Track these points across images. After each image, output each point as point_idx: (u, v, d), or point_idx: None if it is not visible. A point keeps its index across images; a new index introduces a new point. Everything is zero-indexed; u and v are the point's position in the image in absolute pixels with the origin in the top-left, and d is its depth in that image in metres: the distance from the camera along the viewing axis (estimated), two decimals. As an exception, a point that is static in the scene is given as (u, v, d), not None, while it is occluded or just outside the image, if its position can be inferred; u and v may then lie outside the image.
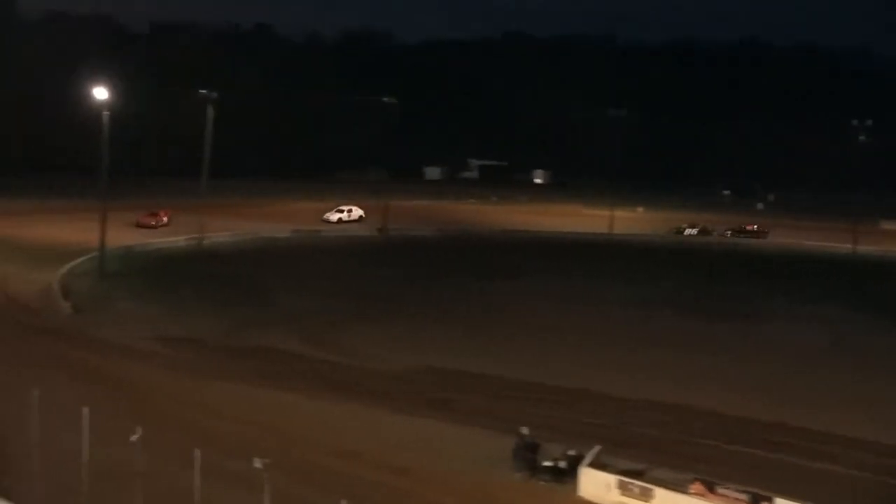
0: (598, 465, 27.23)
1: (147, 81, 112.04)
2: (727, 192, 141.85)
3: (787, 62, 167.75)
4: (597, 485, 26.77)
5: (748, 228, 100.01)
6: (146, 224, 78.55)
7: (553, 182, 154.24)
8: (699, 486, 25.67)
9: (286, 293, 57.99)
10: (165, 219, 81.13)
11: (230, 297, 55.78)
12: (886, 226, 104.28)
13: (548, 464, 27.97)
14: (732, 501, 25.21)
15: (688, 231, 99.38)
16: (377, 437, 31.17)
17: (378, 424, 32.78)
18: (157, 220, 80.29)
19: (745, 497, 25.16)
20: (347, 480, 26.30)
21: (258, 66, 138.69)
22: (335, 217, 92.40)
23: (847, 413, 35.92)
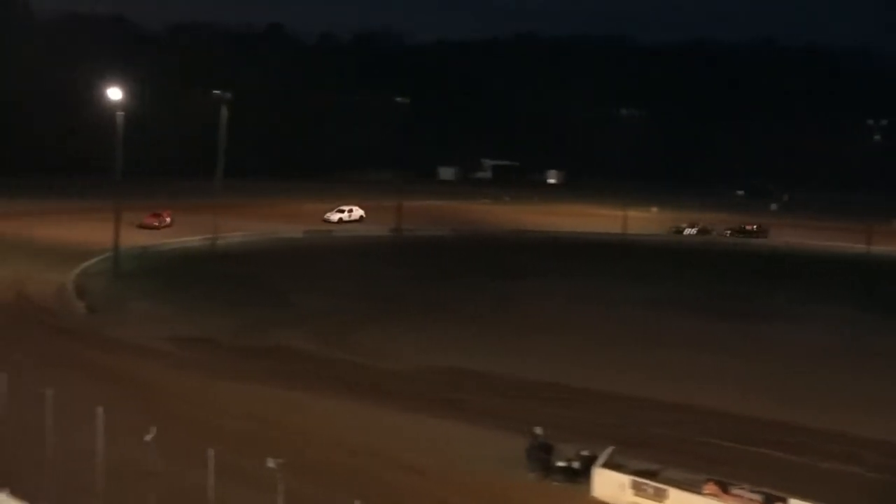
0: (612, 466, 27.18)
1: (160, 82, 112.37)
2: (741, 193, 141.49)
3: (796, 62, 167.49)
4: (610, 485, 26.71)
5: (747, 228, 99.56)
6: (149, 225, 78.29)
7: (566, 182, 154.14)
8: (713, 487, 25.59)
9: (299, 293, 58.13)
10: (168, 219, 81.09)
11: (244, 297, 55.96)
12: None
13: (561, 464, 27.93)
14: (746, 502, 25.10)
15: (687, 231, 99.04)
16: (390, 437, 31.19)
17: (391, 424, 32.78)
18: (161, 221, 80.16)
19: (759, 497, 25.04)
20: (361, 480, 26.29)
21: (270, 67, 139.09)
22: (336, 217, 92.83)
23: (858, 413, 35.80)
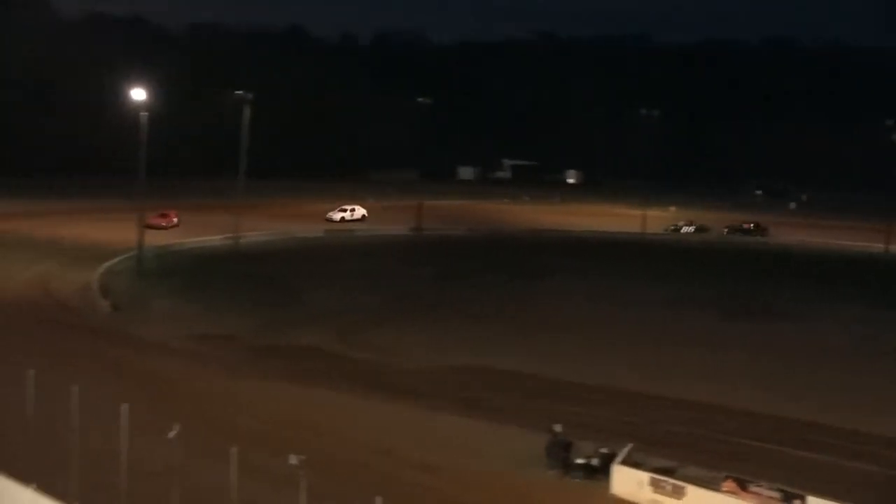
0: (631, 463, 27.30)
1: (179, 82, 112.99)
2: (759, 192, 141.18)
3: (811, 62, 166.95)
4: (629, 482, 26.82)
5: (744, 227, 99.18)
6: (156, 225, 77.23)
7: (585, 182, 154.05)
8: (731, 484, 25.68)
9: (320, 292, 58.51)
10: (175, 219, 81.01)
11: (265, 296, 56.41)
12: None
13: (580, 461, 28.06)
14: (765, 499, 25.14)
15: (685, 229, 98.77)
16: (410, 435, 31.36)
17: (411, 422, 32.96)
18: (168, 222, 79.89)
19: (778, 495, 25.06)
20: (381, 478, 26.45)
21: (291, 68, 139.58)
22: (338, 216, 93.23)
23: (877, 412, 35.86)
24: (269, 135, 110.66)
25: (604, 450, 28.12)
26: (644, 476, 26.68)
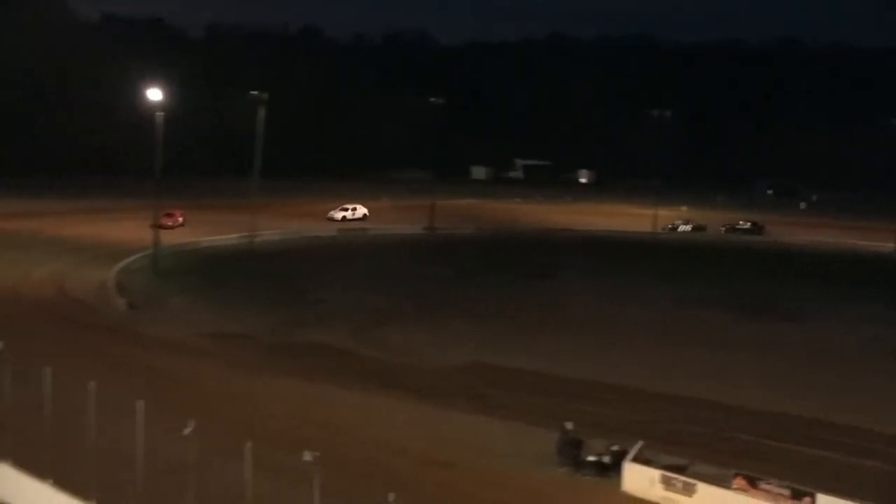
0: (642, 461, 27.50)
1: (195, 83, 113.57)
2: (770, 192, 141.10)
3: (822, 62, 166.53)
4: (640, 479, 27.02)
5: (738, 225, 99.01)
6: (163, 225, 77.48)
7: (597, 181, 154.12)
8: (741, 481, 25.85)
9: (333, 291, 58.84)
10: (181, 219, 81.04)
11: (280, 295, 56.76)
12: None
13: (592, 459, 28.26)
14: (775, 496, 25.30)
15: (681, 227, 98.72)
16: (423, 433, 31.60)
17: (424, 420, 33.20)
18: (174, 221, 79.69)
19: (788, 492, 25.21)
20: (395, 475, 26.61)
21: (304, 68, 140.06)
22: (339, 215, 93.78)
23: (889, 411, 35.88)
24: (281, 135, 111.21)
25: (615, 447, 28.30)
26: (655, 473, 26.88)
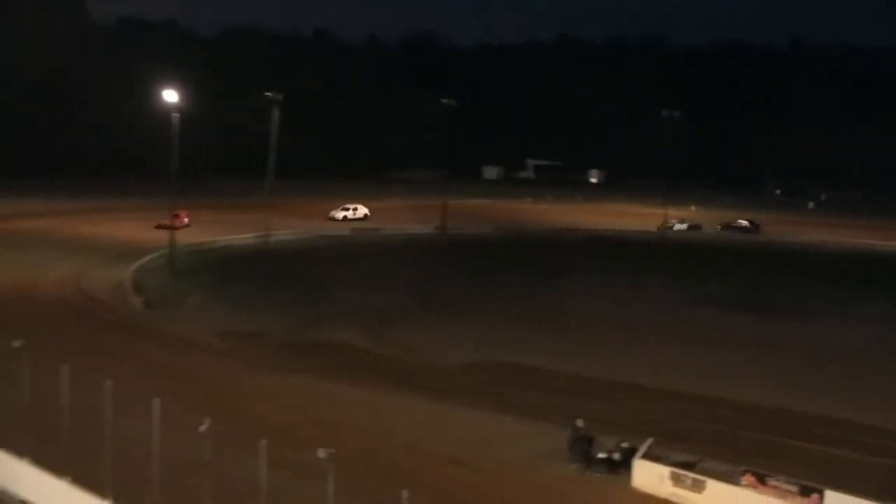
0: (652, 458, 27.74)
1: (209, 85, 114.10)
2: (778, 192, 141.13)
3: (829, 63, 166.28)
4: (650, 476, 27.29)
5: (734, 224, 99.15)
6: (168, 225, 77.91)
7: (607, 181, 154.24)
8: (750, 478, 26.06)
9: (348, 289, 59.22)
10: (186, 220, 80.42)
11: (294, 294, 57.13)
12: None
13: (602, 456, 28.54)
14: (783, 493, 25.48)
15: (677, 226, 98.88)
16: (436, 430, 31.90)
17: (437, 417, 33.51)
18: (179, 222, 78.12)
19: (796, 489, 25.40)
20: (408, 472, 26.87)
21: (318, 69, 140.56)
22: (340, 215, 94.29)
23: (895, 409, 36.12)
24: (295, 136, 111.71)
25: (625, 444, 28.59)
26: (665, 470, 27.13)
